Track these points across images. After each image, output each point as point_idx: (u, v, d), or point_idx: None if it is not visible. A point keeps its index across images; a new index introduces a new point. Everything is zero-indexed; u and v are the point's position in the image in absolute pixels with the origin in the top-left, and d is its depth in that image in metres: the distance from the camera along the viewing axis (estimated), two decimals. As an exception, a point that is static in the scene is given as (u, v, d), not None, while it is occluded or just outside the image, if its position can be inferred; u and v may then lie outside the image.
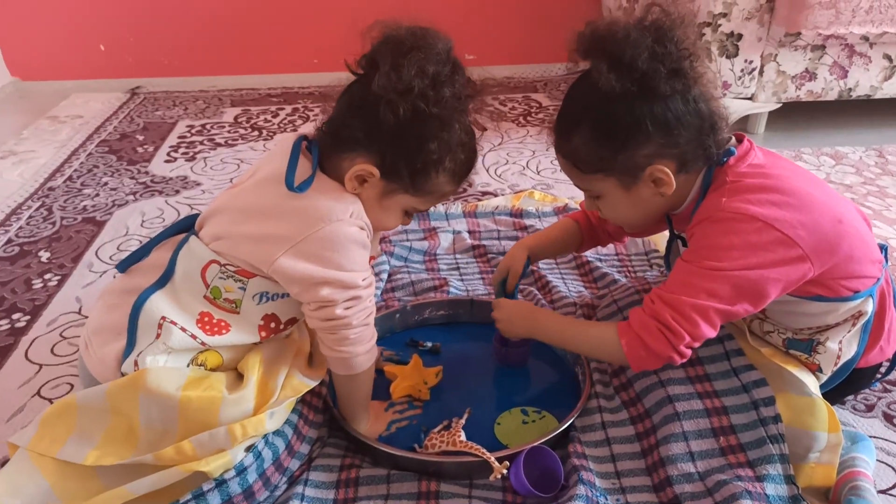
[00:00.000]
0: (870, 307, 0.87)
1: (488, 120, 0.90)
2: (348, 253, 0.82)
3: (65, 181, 1.89)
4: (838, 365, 0.89)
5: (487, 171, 1.93)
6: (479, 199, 1.73)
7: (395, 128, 0.79)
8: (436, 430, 0.93)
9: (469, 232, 1.53)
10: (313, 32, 2.78)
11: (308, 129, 2.34)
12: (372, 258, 0.94)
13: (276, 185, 0.82)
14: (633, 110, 0.82)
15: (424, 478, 0.87)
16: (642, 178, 0.86)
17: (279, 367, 0.89)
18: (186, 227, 0.90)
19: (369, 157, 0.82)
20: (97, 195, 1.79)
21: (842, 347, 0.89)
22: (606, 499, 0.83)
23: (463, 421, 0.94)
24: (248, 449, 0.82)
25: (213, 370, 0.88)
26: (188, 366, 0.86)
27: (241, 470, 0.81)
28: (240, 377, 0.87)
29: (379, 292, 1.28)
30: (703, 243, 0.84)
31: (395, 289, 1.30)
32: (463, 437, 0.90)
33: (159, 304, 0.84)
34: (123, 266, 0.89)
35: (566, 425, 0.92)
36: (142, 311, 0.83)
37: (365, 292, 0.84)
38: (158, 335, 0.83)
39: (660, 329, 0.83)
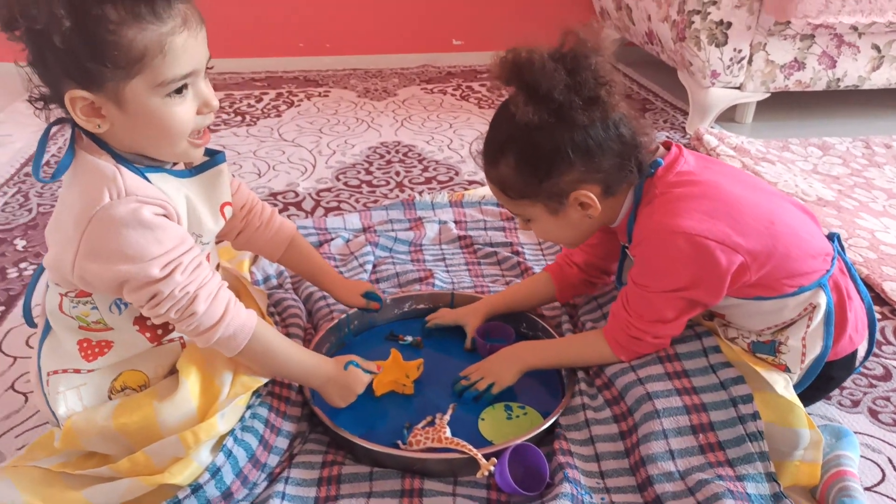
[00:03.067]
0: (822, 299, 0.87)
1: None
2: (125, 240, 0.72)
3: (42, 166, 1.84)
4: (805, 362, 0.89)
5: (475, 159, 1.91)
6: (466, 189, 1.71)
7: (32, 41, 0.67)
8: (419, 425, 0.92)
9: (455, 222, 1.51)
10: (299, 16, 2.73)
11: (291, 114, 2.31)
12: (226, 204, 0.87)
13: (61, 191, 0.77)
14: (553, 140, 0.84)
15: (408, 475, 0.85)
16: (568, 202, 0.89)
17: (222, 362, 0.86)
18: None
19: (66, 84, 0.69)
20: (75, 181, 1.75)
21: (805, 344, 0.88)
22: (591, 497, 0.82)
23: (448, 417, 0.93)
24: (215, 449, 0.81)
25: (142, 387, 0.86)
26: (110, 398, 0.85)
27: (215, 471, 0.79)
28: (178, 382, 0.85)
29: (364, 283, 1.26)
30: (649, 267, 0.89)
31: (379, 280, 1.28)
32: (448, 433, 0.89)
33: (44, 361, 0.84)
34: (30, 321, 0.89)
35: (551, 422, 0.91)
36: (40, 375, 0.83)
37: (166, 285, 0.74)
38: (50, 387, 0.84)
39: (650, 344, 0.92)
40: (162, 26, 0.69)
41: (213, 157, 0.85)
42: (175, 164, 0.83)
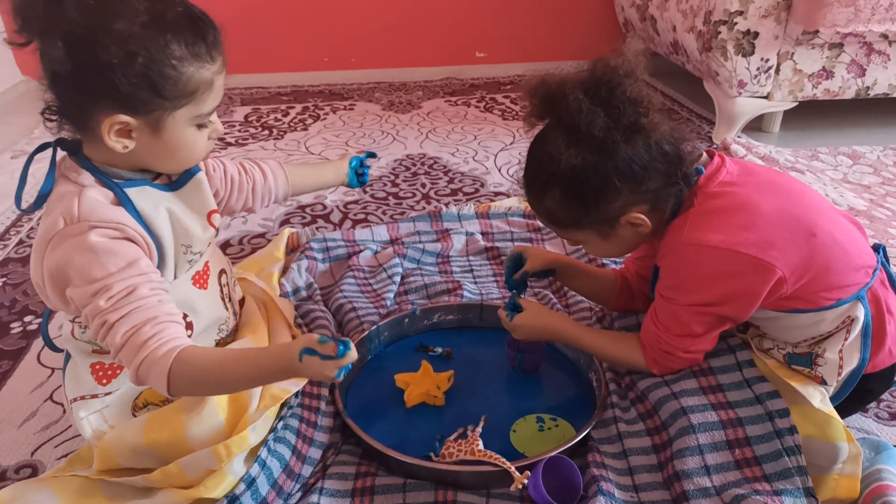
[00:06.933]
0: (860, 312, 0.86)
1: None
2: (71, 264, 0.72)
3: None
4: (842, 375, 0.88)
5: (499, 170, 1.92)
6: (492, 200, 1.72)
7: (84, 66, 0.68)
8: (451, 437, 0.92)
9: (482, 233, 1.51)
10: (324, 30, 2.77)
11: (317, 127, 2.34)
12: (213, 212, 0.88)
13: None
14: (598, 174, 0.84)
15: (441, 487, 0.85)
16: (618, 225, 0.89)
17: None
18: None
19: (106, 107, 0.70)
20: (108, 195, 1.78)
21: (843, 357, 0.87)
22: (626, 510, 0.81)
23: (479, 429, 0.93)
24: (248, 459, 0.82)
25: (164, 402, 0.87)
26: (135, 415, 0.86)
27: (250, 482, 0.80)
28: None
29: (392, 295, 1.27)
30: (675, 280, 0.88)
31: (407, 292, 1.29)
32: (481, 445, 0.89)
33: (67, 387, 0.86)
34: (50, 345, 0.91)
35: (584, 434, 0.91)
36: (67, 401, 0.86)
37: (91, 309, 0.71)
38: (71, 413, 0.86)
39: (681, 359, 0.91)
40: (213, 66, 0.74)
41: (188, 171, 0.85)
42: (157, 177, 0.83)
